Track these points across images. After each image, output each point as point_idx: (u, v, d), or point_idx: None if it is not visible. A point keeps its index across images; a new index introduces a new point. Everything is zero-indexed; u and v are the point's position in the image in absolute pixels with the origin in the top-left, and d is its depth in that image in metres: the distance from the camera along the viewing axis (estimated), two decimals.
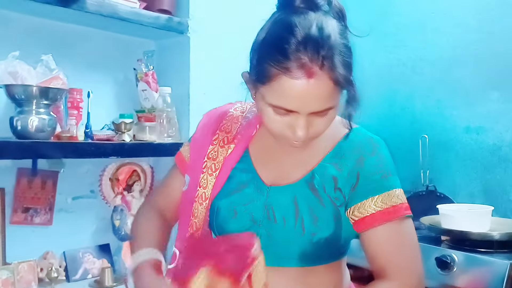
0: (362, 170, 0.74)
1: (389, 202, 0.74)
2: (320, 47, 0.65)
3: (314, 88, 0.65)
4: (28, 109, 1.23)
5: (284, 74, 0.65)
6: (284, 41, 0.66)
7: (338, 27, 0.68)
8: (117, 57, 1.57)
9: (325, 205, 0.75)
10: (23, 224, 1.45)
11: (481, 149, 1.52)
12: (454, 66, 1.58)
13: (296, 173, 0.78)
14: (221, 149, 0.83)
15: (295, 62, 0.65)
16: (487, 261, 1.12)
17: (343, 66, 0.66)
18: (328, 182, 0.76)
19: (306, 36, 0.65)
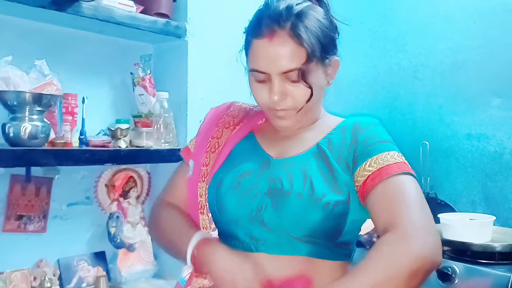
0: (361, 137, 0.77)
1: (382, 162, 0.72)
2: (284, 11, 0.73)
3: (276, 46, 0.73)
4: (21, 115, 1.20)
5: (253, 37, 0.75)
6: (257, 12, 0.78)
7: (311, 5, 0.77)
8: (113, 61, 1.54)
9: (333, 170, 0.76)
10: (16, 232, 1.42)
11: (483, 156, 1.50)
12: (456, 72, 1.57)
13: (301, 148, 0.81)
14: (225, 130, 0.87)
15: (260, 25, 0.74)
16: (488, 274, 1.11)
17: (307, 31, 0.73)
18: (334, 151, 0.78)
19: (273, 5, 0.75)
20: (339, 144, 0.79)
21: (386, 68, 1.75)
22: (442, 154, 1.59)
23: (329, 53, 0.78)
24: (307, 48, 0.72)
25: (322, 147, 0.79)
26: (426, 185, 1.56)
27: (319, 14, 0.76)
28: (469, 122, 1.53)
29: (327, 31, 0.76)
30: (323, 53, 0.75)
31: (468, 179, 1.53)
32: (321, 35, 0.74)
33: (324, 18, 0.77)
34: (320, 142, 0.80)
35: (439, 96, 1.61)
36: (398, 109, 1.72)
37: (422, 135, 1.62)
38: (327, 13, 0.79)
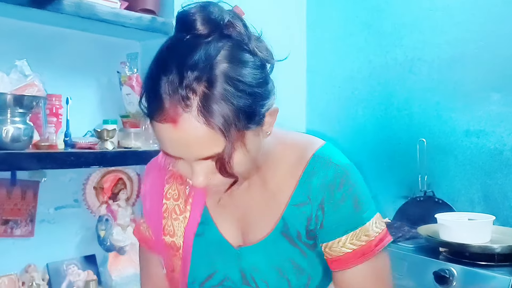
0: (330, 207, 0.66)
1: (363, 238, 0.66)
2: (186, 87, 0.53)
3: (181, 133, 0.54)
4: (2, 118, 1.16)
5: (150, 118, 0.57)
6: (149, 76, 0.57)
7: (224, 56, 0.55)
8: (99, 60, 1.50)
9: (306, 254, 0.68)
10: (2, 237, 1.38)
11: (482, 153, 1.46)
12: (454, 66, 1.52)
13: (264, 224, 0.69)
14: (175, 222, 0.72)
15: (158, 104, 0.55)
16: (487, 276, 1.07)
17: (223, 108, 0.53)
18: (302, 227, 0.68)
19: (170, 73, 0.54)
20: (307, 214, 0.67)
21: (382, 63, 1.71)
22: (440, 152, 1.54)
23: (260, 114, 0.59)
24: (224, 132, 0.54)
25: (288, 224, 0.68)
26: (423, 183, 1.52)
27: (237, 68, 0.55)
28: (468, 118, 1.49)
29: (254, 87, 0.56)
30: (251, 122, 0.57)
31: (467, 177, 1.49)
32: (245, 102, 0.55)
33: (247, 68, 0.56)
34: (285, 215, 0.68)
35: (436, 91, 1.56)
36: (394, 105, 1.68)
37: (419, 132, 1.58)
38: (249, 55, 0.58)
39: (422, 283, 1.16)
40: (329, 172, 0.66)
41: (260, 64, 0.59)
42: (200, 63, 0.54)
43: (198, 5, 0.58)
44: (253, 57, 0.58)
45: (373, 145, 1.73)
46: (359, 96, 1.77)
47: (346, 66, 1.81)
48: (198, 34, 0.56)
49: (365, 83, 1.75)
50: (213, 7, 0.58)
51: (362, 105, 1.76)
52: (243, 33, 0.59)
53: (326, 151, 0.69)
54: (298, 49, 1.93)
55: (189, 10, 0.58)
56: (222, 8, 0.59)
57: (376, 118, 1.72)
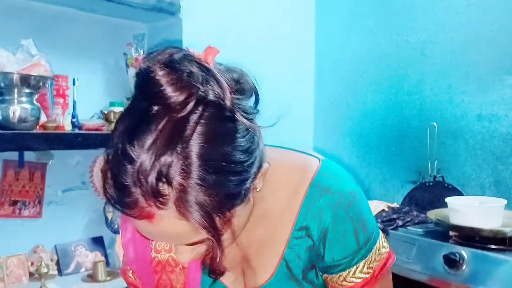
0: (332, 243, 0.61)
1: (365, 270, 0.63)
2: (160, 176, 0.44)
3: (160, 229, 0.48)
4: (9, 98, 1.16)
5: (122, 212, 0.48)
6: (113, 160, 0.47)
7: (209, 136, 0.46)
8: (105, 41, 1.49)
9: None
10: (11, 217, 1.39)
11: (493, 138, 1.43)
12: (467, 48, 1.48)
13: (266, 267, 0.64)
14: (171, 275, 0.67)
15: (126, 197, 0.46)
16: (499, 260, 1.05)
17: (203, 199, 0.46)
18: (304, 265, 0.63)
19: (139, 156, 0.44)
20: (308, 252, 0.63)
21: (393, 45, 1.67)
22: (451, 136, 1.52)
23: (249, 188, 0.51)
24: (206, 227, 0.47)
25: (290, 264, 0.63)
26: (433, 168, 1.50)
27: (217, 148, 0.46)
28: (480, 102, 1.46)
29: (239, 164, 0.48)
30: (238, 201, 0.50)
31: (478, 161, 1.46)
32: (230, 184, 0.47)
33: (228, 143, 0.47)
34: (286, 255, 0.63)
35: (448, 74, 1.53)
36: (405, 89, 1.65)
37: (430, 116, 1.55)
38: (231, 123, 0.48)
39: (431, 266, 1.15)
40: (328, 205, 0.60)
41: (243, 129, 0.49)
42: (174, 147, 0.44)
43: (163, 63, 0.47)
44: (235, 124, 0.48)
45: (383, 129, 1.71)
46: (369, 80, 1.74)
47: (356, 49, 1.78)
48: (168, 104, 0.45)
49: (375, 66, 1.72)
50: (183, 63, 0.47)
51: (372, 89, 1.74)
52: (220, 92, 0.48)
53: (324, 177, 0.62)
54: (307, 31, 1.90)
55: (154, 73, 0.46)
56: (192, 59, 0.48)
57: (386, 102, 1.69)
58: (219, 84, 0.48)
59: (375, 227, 0.65)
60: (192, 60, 0.48)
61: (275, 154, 0.60)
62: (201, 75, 0.47)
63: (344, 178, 0.63)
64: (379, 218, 1.34)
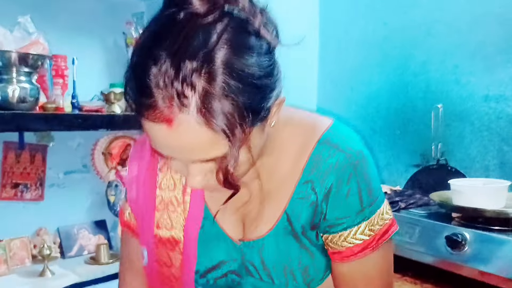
0: (335, 201, 0.60)
1: (367, 233, 0.62)
2: (184, 78, 0.44)
3: (178, 136, 0.47)
4: (8, 77, 1.15)
5: (140, 115, 0.48)
6: (135, 63, 0.48)
7: (234, 45, 0.46)
8: (104, 20, 1.47)
9: (310, 250, 0.64)
10: (13, 200, 1.40)
11: (500, 119, 1.40)
12: (475, 28, 1.44)
13: (267, 219, 0.64)
14: (173, 214, 0.66)
15: (147, 99, 0.46)
16: (502, 240, 1.03)
17: (226, 108, 0.46)
18: (306, 221, 0.63)
19: (162, 63, 0.45)
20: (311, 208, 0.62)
21: (398, 25, 1.63)
22: (456, 118, 1.49)
23: (267, 108, 0.51)
24: (228, 134, 0.47)
25: (291, 218, 0.63)
26: (437, 151, 1.48)
27: (241, 57, 0.47)
28: (487, 82, 1.42)
29: (261, 78, 0.48)
30: (257, 119, 0.50)
31: (483, 143, 1.43)
32: (251, 96, 0.47)
33: (253, 56, 0.48)
34: (288, 209, 0.62)
35: (455, 54, 1.49)
36: (410, 70, 1.61)
37: (436, 97, 1.52)
38: (255, 38, 0.49)
39: (434, 247, 1.13)
40: (335, 162, 0.59)
41: (267, 49, 0.50)
42: (198, 51, 0.45)
43: None
44: (260, 41, 0.49)
45: (387, 112, 1.68)
46: (373, 62, 1.71)
47: (360, 29, 1.74)
48: (194, 12, 0.46)
49: (380, 47, 1.69)
50: None
51: (376, 70, 1.70)
52: (247, 9, 0.49)
53: (333, 135, 0.62)
54: (311, 11, 1.86)
55: None
56: None
57: (390, 85, 1.66)
58: (249, 2, 0.50)
59: (380, 192, 0.64)
60: None
61: (285, 111, 0.59)
62: None
63: (354, 138, 0.63)
64: None
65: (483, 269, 1.03)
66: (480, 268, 1.04)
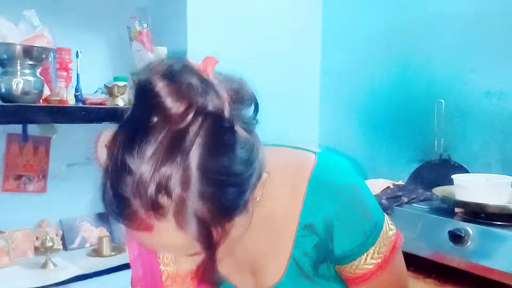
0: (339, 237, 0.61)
1: (376, 256, 0.63)
2: (159, 188, 0.44)
3: (158, 241, 0.48)
4: (12, 70, 1.15)
5: (120, 223, 0.48)
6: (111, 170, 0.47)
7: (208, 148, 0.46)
8: (108, 14, 1.46)
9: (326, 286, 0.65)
10: (16, 192, 1.40)
11: (502, 115, 1.41)
12: (477, 24, 1.45)
13: (275, 268, 0.64)
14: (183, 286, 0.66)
15: (124, 208, 0.46)
16: (504, 236, 1.05)
17: (201, 210, 0.45)
18: (314, 263, 0.63)
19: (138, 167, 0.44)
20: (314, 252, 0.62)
21: (401, 22, 1.64)
22: (458, 114, 1.50)
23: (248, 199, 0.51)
24: (202, 240, 0.47)
25: (299, 263, 0.63)
26: (440, 146, 1.49)
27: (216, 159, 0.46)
28: (489, 79, 1.43)
29: (239, 175, 0.48)
30: (237, 212, 0.50)
31: (485, 139, 1.45)
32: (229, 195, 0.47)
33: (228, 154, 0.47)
34: (294, 255, 0.63)
35: (457, 50, 1.50)
36: (412, 67, 1.62)
37: (438, 93, 1.53)
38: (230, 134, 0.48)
39: (437, 243, 1.15)
40: (331, 199, 0.60)
41: (242, 140, 0.49)
42: (173, 158, 0.44)
43: (162, 74, 0.46)
44: (234, 135, 0.48)
45: (389, 107, 1.69)
46: (376, 57, 1.72)
47: (363, 25, 1.74)
48: (168, 116, 0.45)
49: (383, 43, 1.69)
50: (182, 74, 0.46)
51: (379, 66, 1.71)
52: (219, 103, 0.47)
53: (321, 174, 0.61)
54: (314, 8, 1.86)
55: (153, 84, 0.45)
56: (191, 70, 0.47)
57: (393, 80, 1.67)
58: (218, 95, 0.47)
59: (380, 213, 0.64)
60: (191, 71, 0.47)
61: (269, 155, 0.56)
62: (200, 87, 0.46)
63: (342, 170, 0.63)
64: (384, 195, 1.33)
65: (486, 264, 1.05)
66: (482, 263, 1.05)
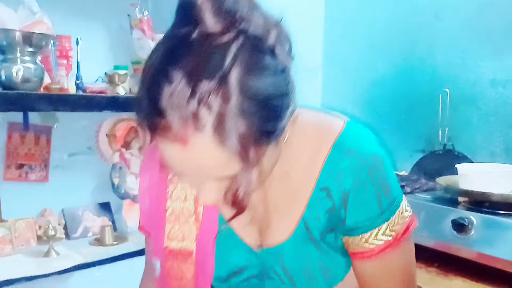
0: (354, 205, 0.60)
1: (388, 233, 0.61)
2: (200, 98, 0.44)
3: (192, 155, 0.47)
4: (12, 57, 1.14)
5: (153, 133, 0.48)
6: (148, 80, 0.47)
7: (249, 65, 0.46)
8: (108, 1, 1.44)
9: (330, 254, 0.64)
10: (17, 181, 1.40)
11: (507, 104, 1.39)
12: (483, 10, 1.42)
13: (285, 226, 0.63)
14: (185, 225, 0.65)
15: (160, 118, 0.46)
16: (508, 224, 1.03)
17: (240, 125, 0.45)
18: (324, 227, 0.62)
19: (178, 77, 0.44)
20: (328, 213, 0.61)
21: (405, 9, 1.61)
22: (463, 103, 1.48)
23: (282, 127, 0.51)
24: (242, 155, 0.47)
25: (309, 225, 0.62)
26: (444, 136, 1.47)
27: (256, 77, 0.46)
28: (495, 67, 1.41)
29: (276, 99, 0.48)
30: (271, 138, 0.50)
31: (490, 129, 1.43)
32: (266, 117, 0.47)
33: (268, 76, 0.47)
34: (306, 215, 0.62)
35: (463, 38, 1.47)
36: (416, 55, 1.60)
37: (442, 82, 1.51)
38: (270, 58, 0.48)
39: (440, 231, 1.14)
40: (351, 166, 0.59)
41: (282, 68, 0.49)
42: (214, 71, 0.44)
43: None
44: (275, 59, 0.48)
45: (393, 96, 1.67)
46: (379, 45, 1.69)
47: (366, 13, 1.72)
48: (208, 31, 0.46)
49: (386, 31, 1.67)
50: None
51: (383, 54, 1.69)
52: (262, 26, 0.48)
53: (347, 139, 0.60)
54: None
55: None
56: None
57: (396, 68, 1.65)
58: (263, 19, 0.48)
59: (399, 190, 0.63)
60: None
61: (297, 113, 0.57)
62: (246, 7, 0.47)
63: (368, 140, 0.61)
64: None
65: (489, 253, 1.04)
66: (486, 252, 1.04)
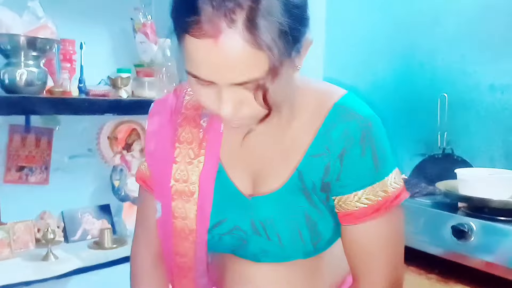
0: (349, 160, 0.62)
1: (379, 194, 0.63)
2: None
3: (223, 51, 0.50)
4: (16, 61, 1.14)
5: (186, 32, 0.51)
6: None
7: None
8: (112, 5, 1.44)
9: (319, 208, 0.65)
10: (17, 183, 1.39)
11: (505, 109, 1.41)
12: (483, 16, 1.44)
13: (279, 175, 0.65)
14: (189, 166, 0.68)
15: (195, 15, 0.49)
16: (508, 231, 1.05)
17: (269, 27, 0.49)
18: (318, 179, 0.64)
19: None
20: (323, 168, 0.64)
21: (406, 14, 1.63)
22: (462, 107, 1.50)
23: (301, 41, 0.55)
24: (269, 53, 0.50)
25: (304, 176, 0.64)
26: (443, 140, 1.48)
27: None
28: (493, 72, 1.43)
29: (299, 8, 0.53)
30: (293, 47, 0.53)
31: (488, 133, 1.45)
32: (291, 22, 0.51)
33: None
34: (301, 166, 0.64)
35: (462, 44, 1.49)
36: (416, 59, 1.61)
37: (441, 86, 1.52)
38: None
39: (440, 237, 1.15)
40: (350, 123, 0.62)
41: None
42: None
43: None
44: None
45: (392, 101, 1.69)
46: (380, 49, 1.71)
47: (367, 17, 1.73)
48: None
49: (387, 35, 1.68)
50: None
51: (383, 58, 1.70)
52: None
53: (348, 101, 0.65)
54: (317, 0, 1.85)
55: None
56: None
57: (396, 72, 1.66)
58: None
59: (389, 161, 0.66)
60: None
61: (302, 78, 0.63)
62: None
63: (367, 106, 0.66)
64: None
65: (489, 259, 1.05)
66: (486, 259, 1.06)
